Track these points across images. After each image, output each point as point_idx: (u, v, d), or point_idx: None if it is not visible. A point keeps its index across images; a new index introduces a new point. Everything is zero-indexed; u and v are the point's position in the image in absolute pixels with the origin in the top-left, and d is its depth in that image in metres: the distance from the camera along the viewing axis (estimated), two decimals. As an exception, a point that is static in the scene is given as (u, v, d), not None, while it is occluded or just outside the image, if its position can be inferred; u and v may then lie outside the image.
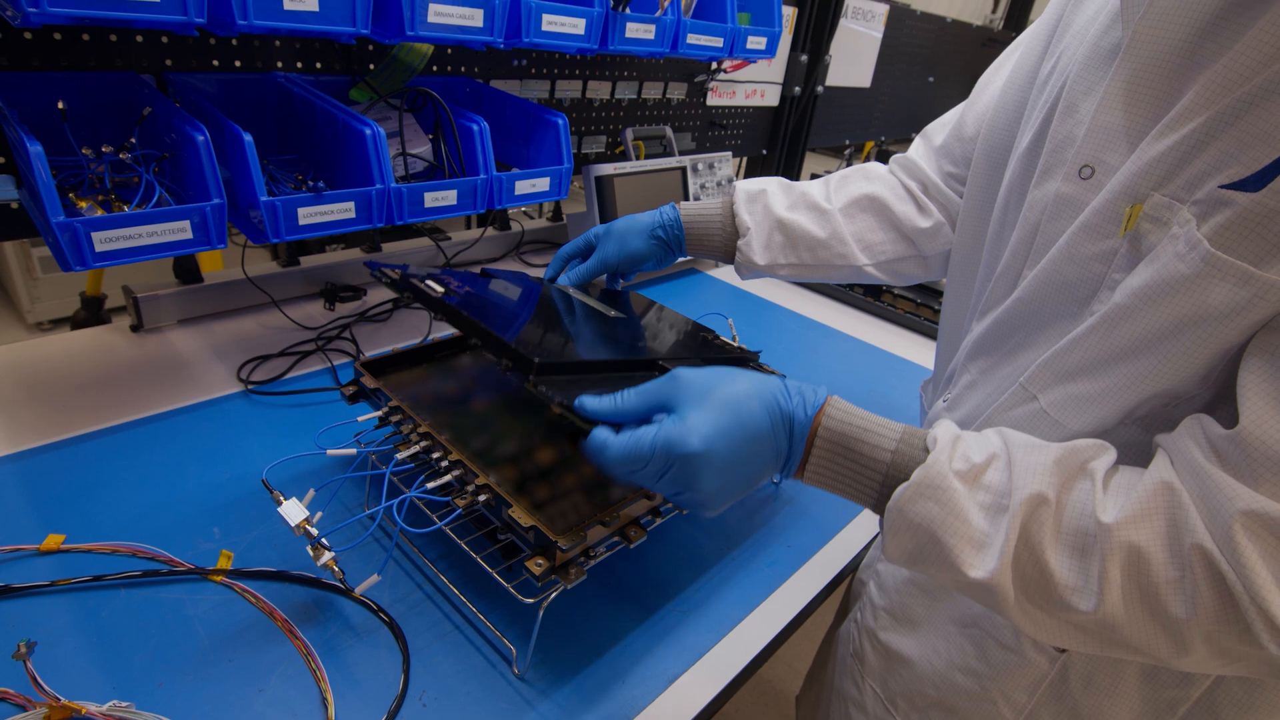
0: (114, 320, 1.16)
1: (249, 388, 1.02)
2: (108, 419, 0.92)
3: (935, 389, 0.83)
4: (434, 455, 0.72)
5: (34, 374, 0.99)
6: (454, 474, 0.70)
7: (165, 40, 0.95)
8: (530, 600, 0.65)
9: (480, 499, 0.67)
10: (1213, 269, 0.45)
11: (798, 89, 1.96)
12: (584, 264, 0.93)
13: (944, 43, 2.69)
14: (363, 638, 0.68)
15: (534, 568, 0.63)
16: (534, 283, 0.93)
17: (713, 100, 1.80)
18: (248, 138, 0.82)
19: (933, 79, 2.75)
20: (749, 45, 1.40)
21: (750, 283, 1.70)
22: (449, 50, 1.23)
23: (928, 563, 0.53)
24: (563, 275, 0.94)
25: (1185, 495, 0.46)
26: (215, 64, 1.00)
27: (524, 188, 1.12)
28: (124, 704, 0.57)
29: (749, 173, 2.25)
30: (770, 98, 1.96)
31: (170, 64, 0.96)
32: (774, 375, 0.59)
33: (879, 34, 2.27)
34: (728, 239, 0.94)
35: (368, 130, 0.91)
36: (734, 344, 0.96)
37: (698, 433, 0.52)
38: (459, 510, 0.67)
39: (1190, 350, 0.48)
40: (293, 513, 0.65)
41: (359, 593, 0.69)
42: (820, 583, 0.85)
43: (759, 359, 0.92)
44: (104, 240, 0.74)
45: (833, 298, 1.70)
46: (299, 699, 0.62)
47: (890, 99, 2.55)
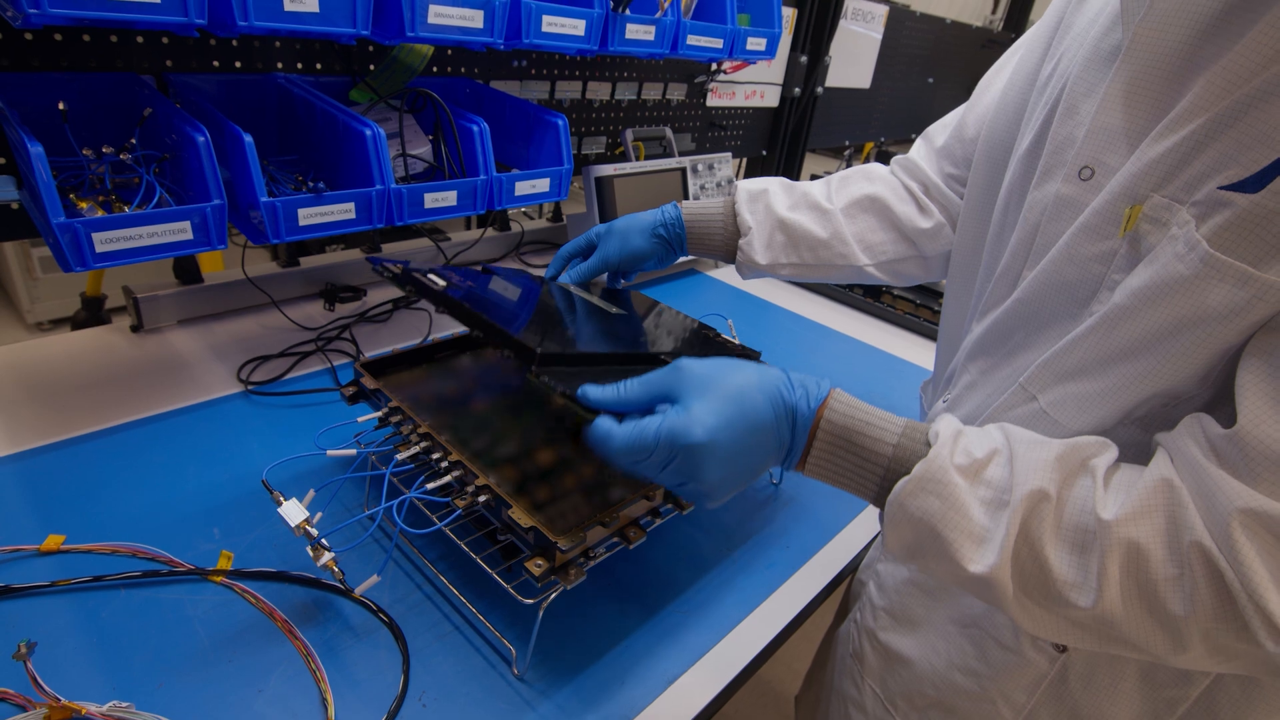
0: (114, 320, 1.16)
1: (249, 388, 1.02)
2: (108, 419, 0.92)
3: (935, 389, 0.83)
4: (434, 456, 0.72)
5: (34, 374, 0.99)
6: (454, 475, 0.70)
7: (166, 41, 0.95)
8: (530, 601, 0.65)
9: (480, 500, 0.67)
10: (1211, 270, 0.45)
11: (797, 90, 1.97)
12: (585, 262, 0.92)
13: (943, 44, 2.70)
14: (362, 638, 0.68)
15: (534, 568, 0.63)
16: (535, 280, 0.93)
17: (712, 101, 1.80)
18: (248, 138, 0.82)
19: (932, 80, 2.76)
20: (749, 46, 1.40)
21: (750, 283, 1.70)
22: (449, 51, 1.23)
23: (927, 557, 0.53)
24: (564, 273, 0.94)
25: (1185, 493, 0.46)
26: (216, 65, 1.00)
27: (524, 188, 1.12)
28: (124, 704, 0.58)
29: (749, 174, 2.25)
30: (770, 99, 1.97)
31: (171, 65, 0.96)
32: (776, 368, 0.59)
33: (879, 35, 2.27)
34: (729, 238, 0.94)
35: (368, 131, 0.91)
36: (735, 343, 0.96)
37: (702, 424, 0.52)
38: (459, 511, 0.67)
39: (1189, 350, 0.48)
40: (293, 513, 0.65)
41: (359, 593, 0.69)
42: (820, 583, 0.85)
43: (760, 359, 0.92)
44: (104, 241, 0.75)
45: (832, 298, 1.70)
46: (299, 699, 0.62)
47: (890, 100, 2.55)
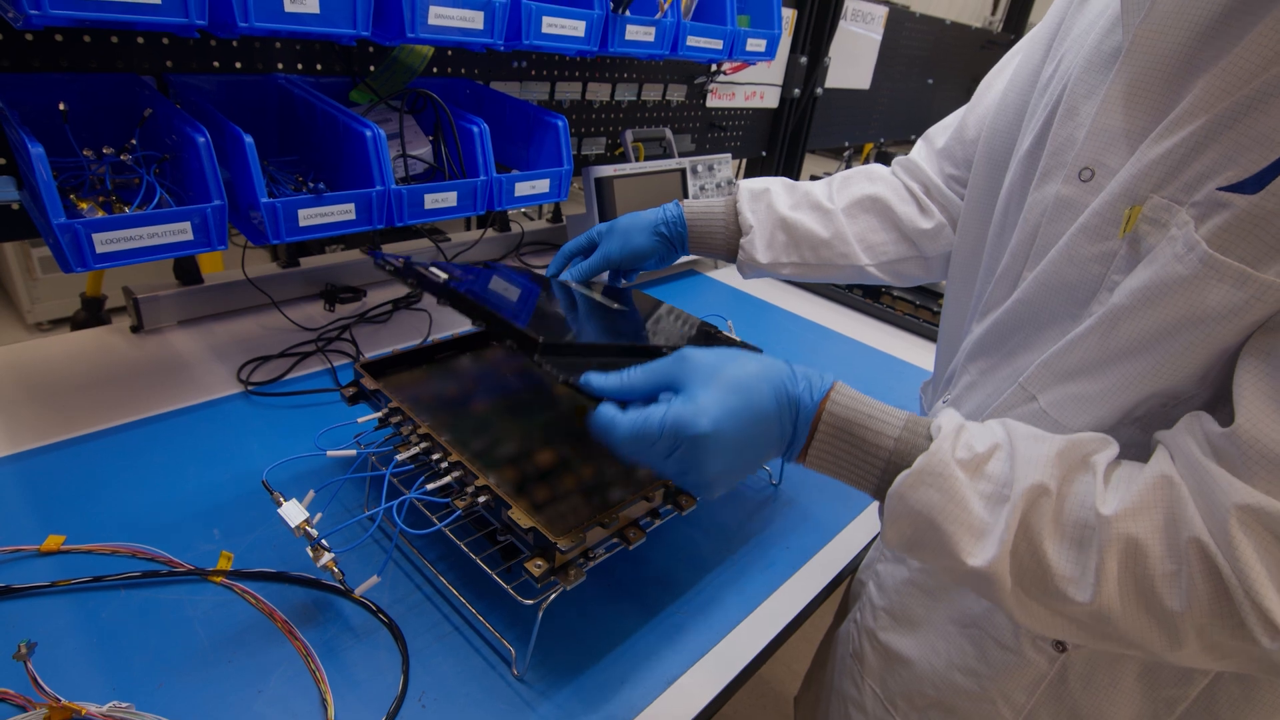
0: (114, 321, 1.16)
1: (249, 389, 1.02)
2: (108, 420, 0.92)
3: (935, 390, 0.84)
4: (434, 457, 0.72)
5: (34, 374, 0.99)
6: (454, 475, 0.70)
7: (166, 42, 0.95)
8: (530, 601, 0.65)
9: (480, 500, 0.67)
10: (1210, 270, 0.46)
11: (797, 91, 1.97)
12: (587, 260, 0.92)
13: (943, 45, 2.70)
14: (362, 639, 0.68)
15: (533, 569, 0.63)
16: (537, 278, 0.93)
17: (712, 102, 1.80)
18: (248, 139, 0.82)
19: (932, 81, 2.76)
20: (748, 47, 1.40)
21: (749, 284, 1.70)
22: (449, 52, 1.23)
23: (926, 550, 0.53)
24: (565, 271, 0.93)
25: (1184, 489, 0.46)
26: (216, 65, 1.00)
27: (524, 189, 1.12)
28: (124, 705, 0.58)
29: (749, 175, 2.25)
30: (770, 99, 1.97)
31: (171, 65, 0.96)
32: (780, 360, 0.59)
33: (878, 36, 2.28)
34: (730, 237, 0.93)
35: (368, 132, 0.91)
36: (737, 340, 0.96)
37: (707, 414, 0.52)
38: (459, 512, 0.67)
39: (1188, 350, 0.48)
40: (293, 514, 0.65)
41: (359, 594, 0.69)
42: (819, 584, 0.85)
43: None
44: (105, 241, 0.75)
45: (832, 299, 1.70)
46: (299, 700, 0.62)
47: (889, 101, 2.56)
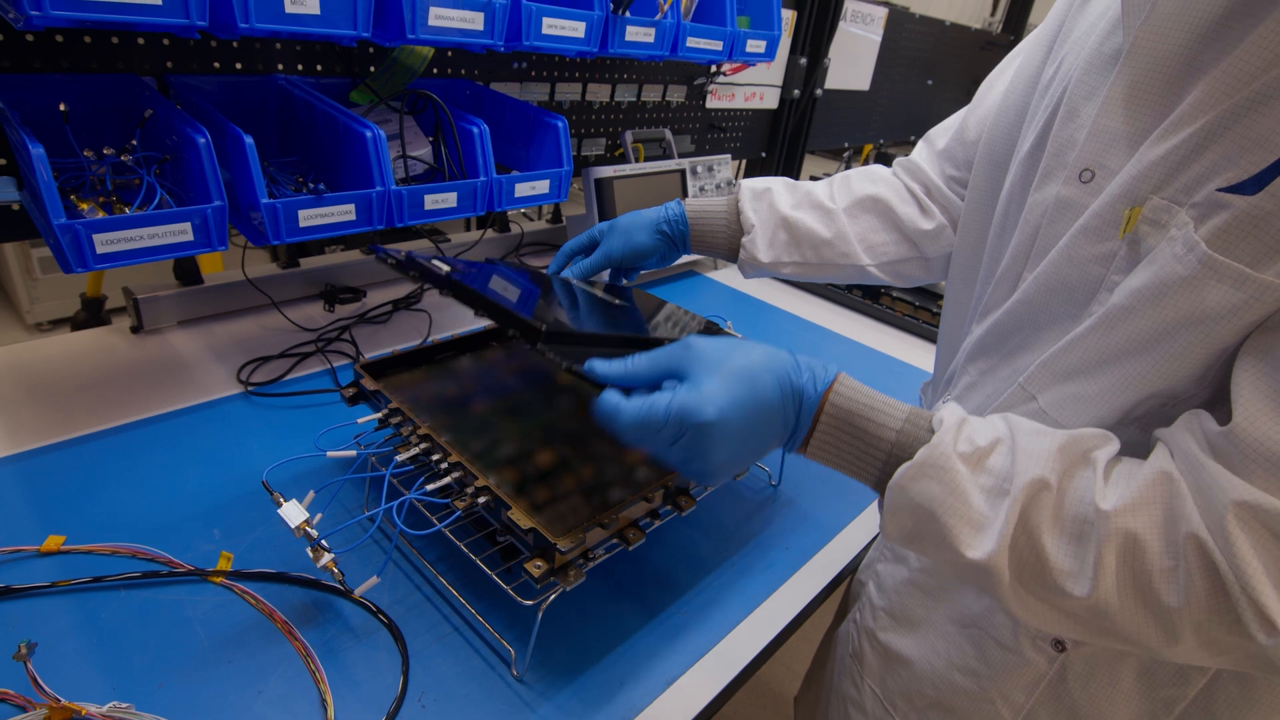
0: (114, 321, 1.16)
1: (249, 389, 1.02)
2: (108, 420, 0.92)
3: (935, 391, 0.84)
4: (434, 457, 0.72)
5: (34, 375, 0.99)
6: (453, 476, 0.70)
7: (167, 43, 0.95)
8: (529, 602, 0.65)
9: (480, 501, 0.67)
10: (1210, 271, 0.46)
11: (797, 92, 1.97)
12: (588, 258, 0.91)
13: (943, 46, 2.70)
14: (362, 639, 0.68)
15: (533, 570, 0.63)
16: (538, 274, 0.93)
17: (712, 103, 1.80)
18: (249, 140, 0.82)
19: (931, 82, 2.76)
20: (748, 48, 1.41)
21: (749, 284, 1.70)
22: (449, 53, 1.23)
23: (925, 542, 0.53)
24: (566, 269, 0.93)
25: (1184, 485, 0.46)
26: (216, 66, 1.00)
27: (524, 190, 1.12)
28: (124, 705, 0.58)
29: (748, 176, 2.25)
30: (769, 100, 1.97)
31: (171, 66, 0.97)
32: (784, 350, 0.59)
33: (878, 37, 2.28)
34: (732, 236, 0.93)
35: (368, 133, 0.91)
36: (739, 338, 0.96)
37: (713, 402, 0.52)
38: (458, 512, 0.67)
39: (1187, 350, 0.48)
40: (293, 514, 0.65)
41: (358, 594, 0.69)
42: (819, 584, 0.85)
43: None
44: (105, 242, 0.75)
45: (831, 300, 1.70)
46: (298, 700, 0.62)
47: (889, 102, 2.56)
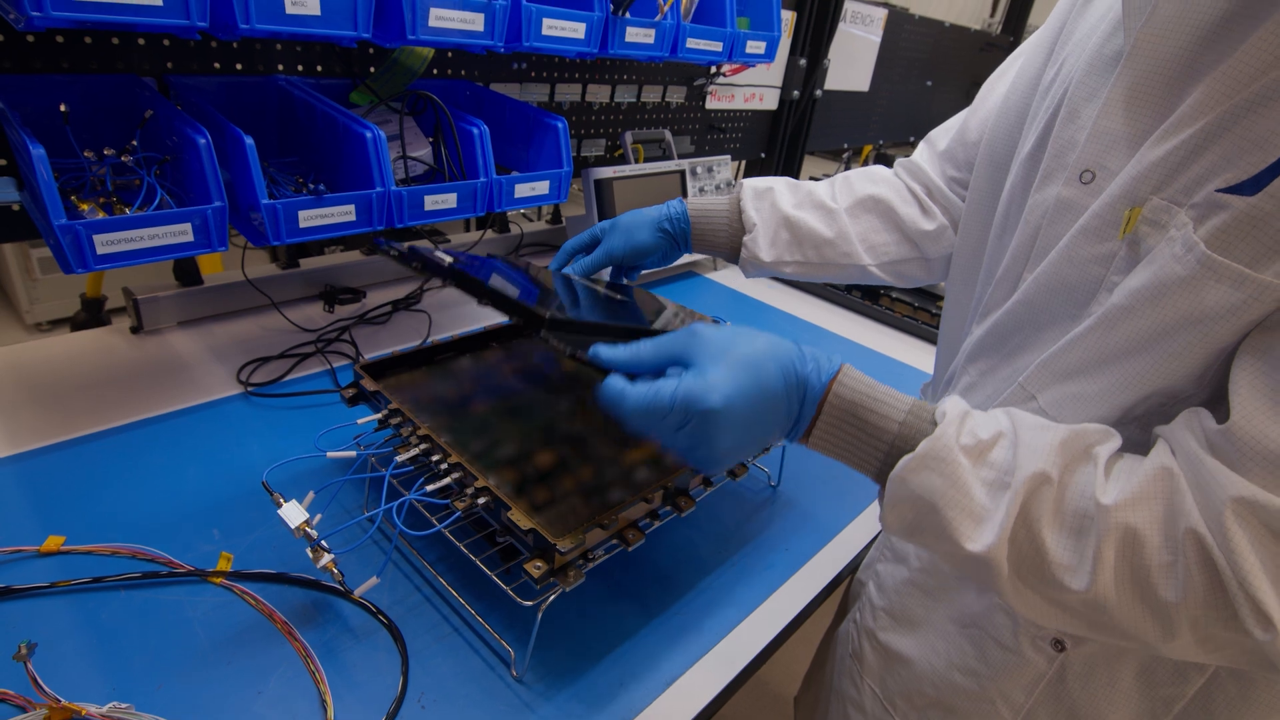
0: (114, 322, 1.16)
1: (249, 390, 1.02)
2: (108, 420, 0.92)
3: (935, 391, 0.84)
4: (433, 458, 0.72)
5: (34, 375, 0.99)
6: (453, 477, 0.70)
7: (167, 43, 0.95)
8: (529, 603, 0.65)
9: (479, 501, 0.67)
10: (1209, 271, 0.46)
11: (796, 93, 1.97)
12: (589, 256, 0.91)
13: (942, 47, 2.70)
14: (362, 640, 0.68)
15: (533, 570, 0.63)
16: (541, 269, 0.93)
17: (712, 104, 1.80)
18: (249, 140, 0.82)
19: (931, 83, 2.76)
20: (748, 49, 1.41)
21: (748, 285, 1.70)
22: (449, 54, 1.24)
23: (925, 534, 0.53)
24: (568, 267, 0.92)
25: (1184, 481, 0.47)
26: (216, 67, 1.01)
27: (523, 191, 1.12)
28: (124, 705, 0.57)
29: (748, 176, 2.25)
30: (769, 101, 1.97)
31: (172, 67, 0.97)
32: (788, 340, 0.59)
33: (877, 38, 2.28)
34: (733, 235, 0.93)
35: (368, 133, 0.91)
36: None
37: (719, 390, 0.52)
38: (458, 513, 0.67)
39: (1186, 350, 0.48)
40: (292, 515, 0.65)
41: (358, 595, 0.69)
42: (819, 584, 0.85)
43: None
44: (105, 243, 0.75)
45: (831, 301, 1.70)
46: (298, 701, 0.62)
47: (888, 103, 2.56)
